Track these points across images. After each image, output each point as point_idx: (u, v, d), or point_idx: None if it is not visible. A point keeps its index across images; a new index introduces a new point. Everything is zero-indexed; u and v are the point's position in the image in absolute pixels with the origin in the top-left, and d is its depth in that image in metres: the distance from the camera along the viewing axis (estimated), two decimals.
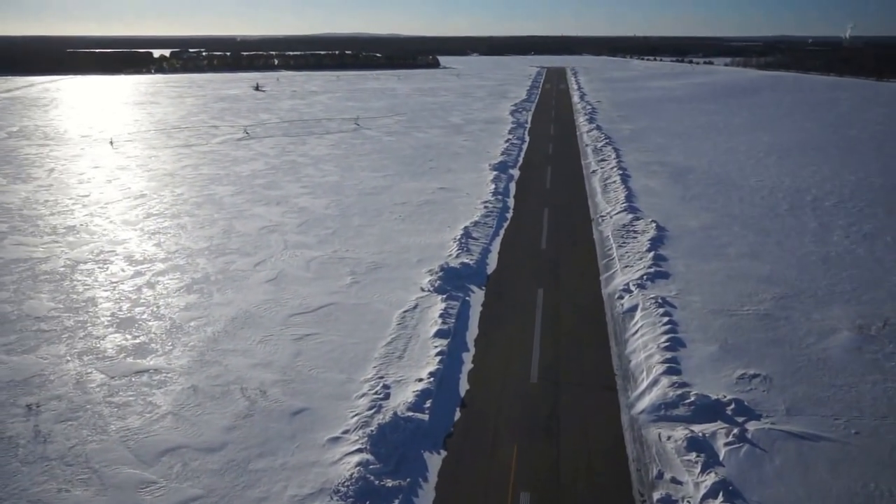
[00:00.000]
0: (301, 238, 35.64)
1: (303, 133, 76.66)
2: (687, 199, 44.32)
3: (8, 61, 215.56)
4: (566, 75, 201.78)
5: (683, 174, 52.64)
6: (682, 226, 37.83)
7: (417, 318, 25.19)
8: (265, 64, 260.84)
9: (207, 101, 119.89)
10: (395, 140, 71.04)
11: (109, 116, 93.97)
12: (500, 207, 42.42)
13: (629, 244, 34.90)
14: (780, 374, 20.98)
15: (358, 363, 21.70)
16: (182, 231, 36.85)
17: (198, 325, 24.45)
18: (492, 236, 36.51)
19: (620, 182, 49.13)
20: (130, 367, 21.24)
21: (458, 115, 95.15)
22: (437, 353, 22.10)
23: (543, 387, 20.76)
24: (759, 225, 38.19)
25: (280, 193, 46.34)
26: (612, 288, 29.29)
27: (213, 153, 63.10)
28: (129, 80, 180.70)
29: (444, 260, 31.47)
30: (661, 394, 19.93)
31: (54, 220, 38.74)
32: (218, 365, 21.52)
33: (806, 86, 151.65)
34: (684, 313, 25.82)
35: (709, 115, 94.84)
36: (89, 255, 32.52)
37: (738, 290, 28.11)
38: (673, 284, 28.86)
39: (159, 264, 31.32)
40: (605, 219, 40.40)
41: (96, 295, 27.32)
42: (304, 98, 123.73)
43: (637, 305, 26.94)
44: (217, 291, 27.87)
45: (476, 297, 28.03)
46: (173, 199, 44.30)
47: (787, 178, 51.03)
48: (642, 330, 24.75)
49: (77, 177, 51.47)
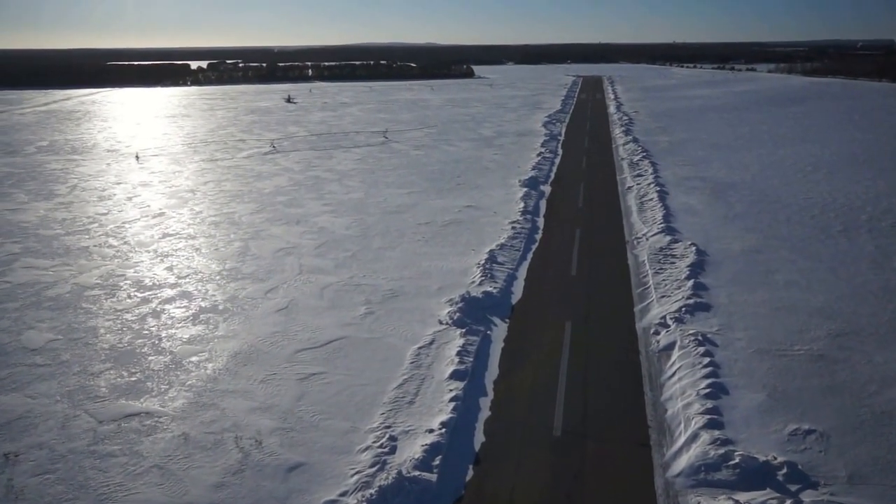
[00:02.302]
0: (318, 262, 34.09)
1: (330, 147, 75.68)
2: (729, 219, 41.57)
3: (51, 74, 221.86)
4: (602, 84, 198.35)
5: (725, 190, 49.78)
6: (724, 249, 35.19)
7: (433, 356, 23.26)
8: (300, 75, 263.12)
9: (238, 113, 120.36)
10: (423, 154, 69.47)
11: (139, 130, 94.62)
12: (528, 228, 40.29)
13: (666, 270, 32.45)
14: (839, 430, 18.44)
15: (365, 409, 19.85)
16: (196, 253, 35.66)
17: (198, 361, 22.94)
18: (518, 261, 34.41)
19: (658, 199, 46.55)
20: (121, 409, 19.75)
21: (490, 127, 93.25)
22: (452, 399, 20.12)
23: (568, 441, 18.59)
24: (809, 248, 35.32)
25: (301, 212, 45.03)
26: (647, 321, 26.92)
27: (238, 168, 62.37)
28: (165, 93, 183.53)
29: (466, 288, 29.50)
30: (701, 452, 17.59)
31: (68, 241, 37.98)
32: (214, 408, 19.91)
33: (856, 92, 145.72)
34: (727, 353, 23.37)
35: (752, 125, 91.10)
36: (98, 279, 31.46)
37: (788, 326, 25.50)
38: (714, 318, 26.38)
39: (168, 290, 30.06)
40: (640, 241, 37.93)
41: (98, 325, 26.08)
42: (334, 110, 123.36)
43: (674, 343, 24.57)
44: (223, 322, 26.39)
45: (498, 331, 25.97)
46: (191, 218, 43.32)
47: (839, 194, 47.79)
48: (680, 373, 22.39)
49: (98, 193, 51.03)
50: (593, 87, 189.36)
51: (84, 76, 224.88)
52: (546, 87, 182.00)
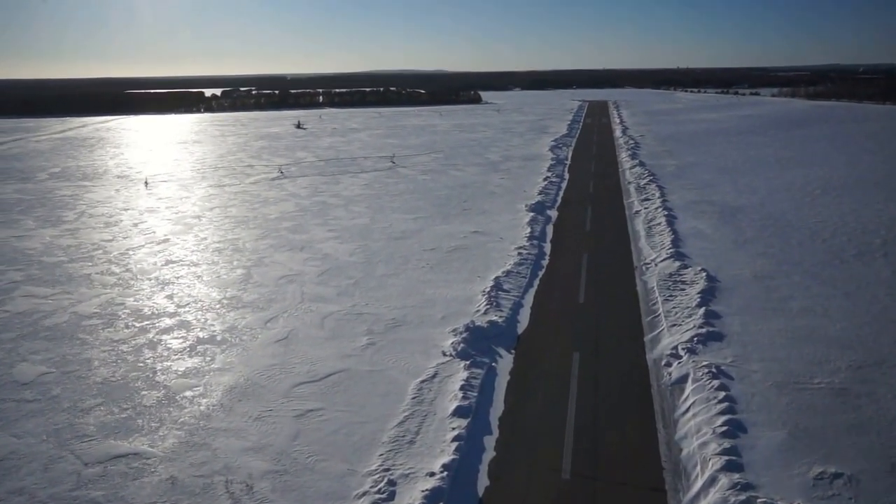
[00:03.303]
0: (320, 290, 33.35)
1: (337, 172, 75.45)
2: (740, 244, 40.61)
3: (71, 103, 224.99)
4: (608, 109, 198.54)
5: (734, 214, 48.87)
6: (735, 275, 34.21)
7: (436, 391, 22.34)
8: (311, 101, 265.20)
9: (248, 139, 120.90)
10: (429, 179, 69.04)
11: (150, 156, 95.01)
12: (535, 254, 39.46)
13: (676, 297, 31.48)
14: (868, 473, 17.32)
15: (363, 449, 18.92)
16: (198, 281, 35.02)
17: (192, 397, 22.12)
18: (525, 288, 33.54)
19: (666, 224, 45.66)
20: (109, 450, 18.90)
21: (497, 151, 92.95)
22: (455, 438, 19.17)
23: (577, 484, 17.56)
24: (823, 273, 34.28)
25: (305, 238, 44.44)
26: (657, 352, 25.93)
27: (245, 194, 62.08)
28: (179, 120, 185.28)
29: (471, 317, 28.62)
30: (720, 499, 16.51)
31: (71, 268, 37.47)
32: (205, 449, 19.03)
33: (861, 115, 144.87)
34: (743, 386, 22.33)
35: (758, 148, 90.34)
36: (97, 308, 30.82)
37: (806, 356, 24.44)
38: (728, 348, 25.36)
39: (166, 320, 29.36)
40: (649, 267, 37.00)
41: (93, 357, 25.35)
42: (343, 135, 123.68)
43: (687, 375, 23.56)
44: (221, 353, 25.61)
45: (504, 362, 25.04)
46: (195, 244, 42.80)
47: (850, 217, 46.76)
48: (694, 408, 21.36)
49: (105, 220, 50.73)
50: (599, 111, 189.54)
51: (103, 104, 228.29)
52: (552, 112, 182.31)
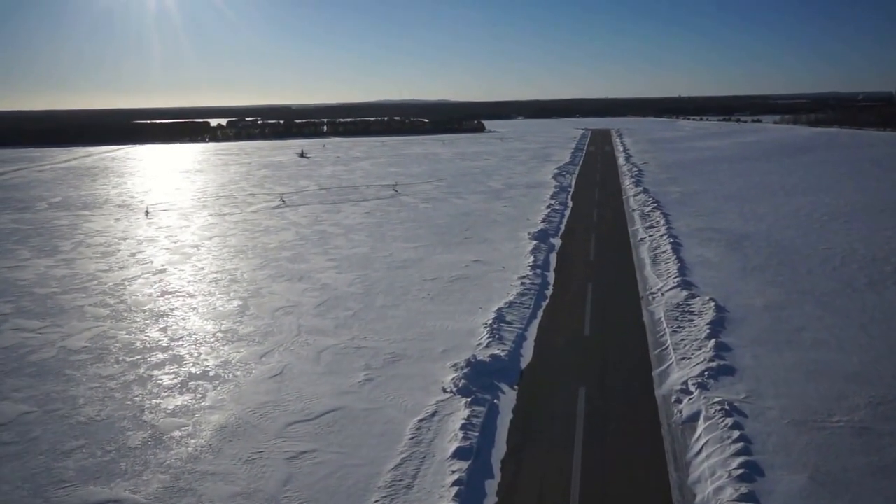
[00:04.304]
0: (317, 322, 32.45)
1: (339, 200, 75.04)
2: (748, 272, 39.68)
3: (77, 133, 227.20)
4: (611, 137, 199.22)
5: (741, 241, 48.02)
6: (745, 305, 33.23)
7: (435, 431, 21.31)
8: (315, 131, 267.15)
9: (251, 168, 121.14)
10: (431, 207, 68.50)
11: (152, 185, 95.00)
12: (538, 284, 38.54)
13: (685, 329, 30.47)
14: None
15: (357, 495, 17.84)
16: (193, 313, 34.18)
17: (180, 437, 21.11)
18: (528, 319, 32.56)
19: (672, 252, 44.78)
20: (87, 497, 17.85)
21: (500, 179, 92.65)
22: (454, 483, 18.09)
23: None
24: (834, 303, 33.28)
25: (305, 267, 43.66)
26: (666, 388, 24.87)
27: (245, 223, 61.56)
28: (183, 149, 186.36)
29: (473, 351, 27.64)
30: None
31: (63, 300, 36.69)
32: (191, 494, 17.98)
33: (864, 141, 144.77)
34: (758, 425, 21.23)
35: (763, 174, 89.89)
36: (87, 342, 29.94)
37: (823, 392, 23.35)
38: (741, 383, 24.30)
39: (159, 354, 28.45)
40: (655, 296, 36.04)
41: (78, 394, 24.39)
42: (346, 164, 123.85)
43: (699, 413, 22.49)
44: (213, 390, 24.65)
45: (506, 399, 24.00)
46: (192, 275, 42.05)
47: (860, 244, 45.84)
48: (707, 448, 20.26)
49: (102, 249, 50.09)
50: (602, 139, 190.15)
51: (110, 134, 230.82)
52: (556, 140, 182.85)
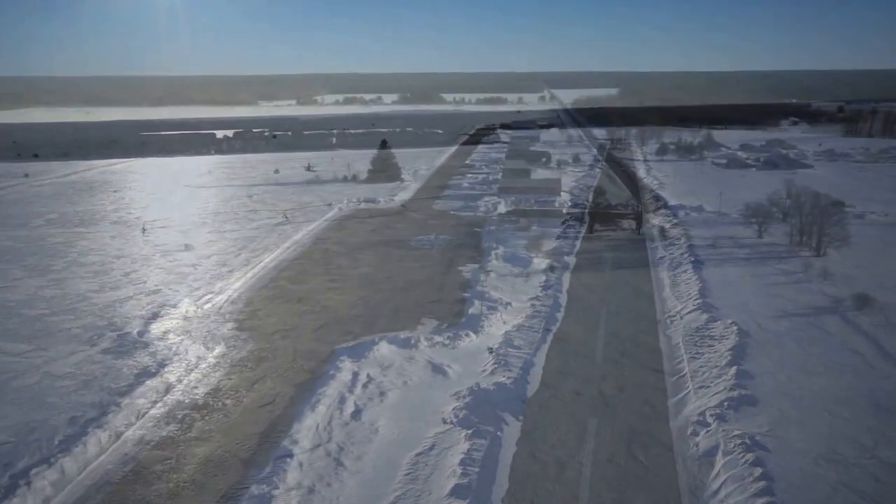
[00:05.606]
0: (314, 346, 31.02)
1: (344, 217, 73.73)
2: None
3: (83, 146, 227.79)
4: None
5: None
6: (769, 328, 31.52)
7: (432, 466, 19.82)
8: (323, 143, 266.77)
9: (255, 182, 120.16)
10: (438, 224, 67.05)
11: (151, 200, 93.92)
12: (549, 305, 36.86)
13: (704, 355, 28.87)
14: None
15: None
16: (185, 337, 32.85)
17: (162, 471, 19.70)
18: (537, 344, 30.94)
19: (692, 271, 42.87)
20: None
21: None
22: None
23: None
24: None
25: (305, 288, 42.27)
26: (682, 418, 23.28)
27: (244, 240, 60.30)
28: (188, 161, 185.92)
29: (476, 379, 26.13)
30: None
31: (51, 322, 35.43)
32: None
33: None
34: (783, 461, 19.63)
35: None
36: (71, 367, 28.66)
37: (854, 425, 21.69)
38: (763, 415, 22.70)
39: (149, 381, 27.09)
40: (673, 320, 34.39)
41: (59, 423, 23.07)
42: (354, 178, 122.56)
43: (717, 447, 20.91)
44: (200, 420, 23.25)
45: (510, 431, 22.47)
46: (186, 294, 40.75)
47: None
48: (727, 487, 18.70)
49: (94, 268, 48.78)
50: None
51: (115, 147, 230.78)
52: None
